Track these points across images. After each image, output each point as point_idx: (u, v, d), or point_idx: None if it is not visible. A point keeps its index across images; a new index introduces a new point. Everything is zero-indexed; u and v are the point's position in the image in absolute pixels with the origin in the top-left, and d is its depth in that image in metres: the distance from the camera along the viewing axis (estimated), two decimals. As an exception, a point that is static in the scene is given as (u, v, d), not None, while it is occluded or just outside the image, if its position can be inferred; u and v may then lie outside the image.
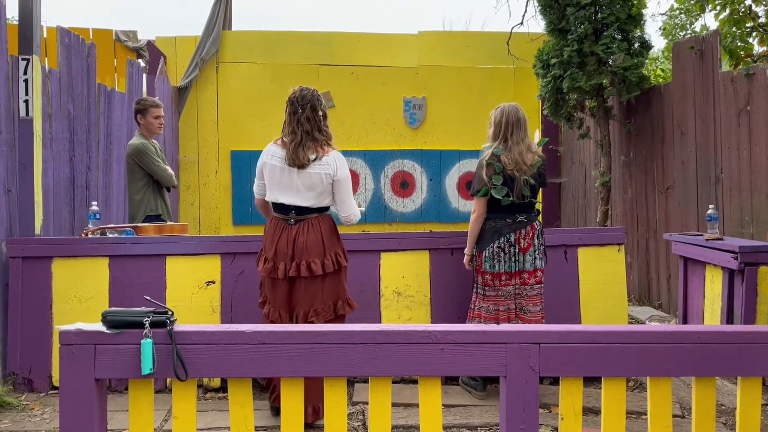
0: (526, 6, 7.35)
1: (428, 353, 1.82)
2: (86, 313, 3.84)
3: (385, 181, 8.31)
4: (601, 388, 1.90)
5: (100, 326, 1.81)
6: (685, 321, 4.56)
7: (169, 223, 4.53)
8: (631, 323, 5.33)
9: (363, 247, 4.06)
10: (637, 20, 6.03)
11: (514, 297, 3.70)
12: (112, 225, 4.37)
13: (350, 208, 3.45)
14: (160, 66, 7.37)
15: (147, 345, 1.77)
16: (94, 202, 4.39)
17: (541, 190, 3.88)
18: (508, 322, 3.67)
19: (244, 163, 8.09)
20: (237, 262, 4.00)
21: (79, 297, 3.92)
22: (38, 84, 4.00)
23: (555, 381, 3.66)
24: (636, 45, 6.11)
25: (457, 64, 8.32)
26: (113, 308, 1.84)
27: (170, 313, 1.84)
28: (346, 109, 8.15)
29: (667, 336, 1.84)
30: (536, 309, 3.71)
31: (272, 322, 3.36)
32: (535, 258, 3.70)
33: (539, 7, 6.44)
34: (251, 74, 8.11)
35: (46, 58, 5.50)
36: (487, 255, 3.70)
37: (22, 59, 3.89)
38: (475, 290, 3.80)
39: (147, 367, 1.77)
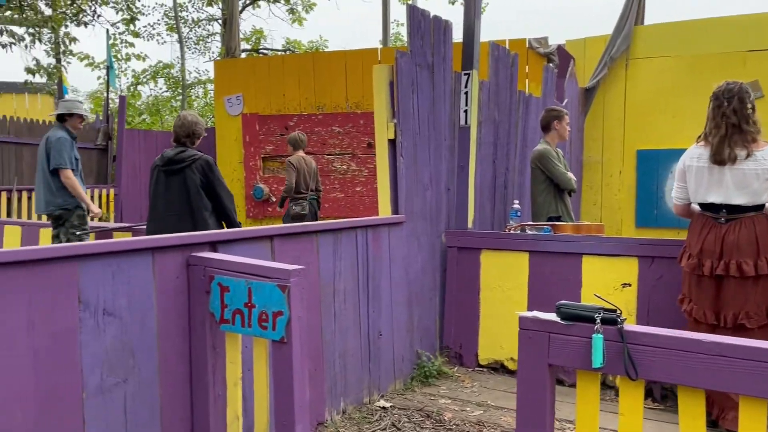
0: None
1: None
2: (507, 303, 4.20)
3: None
4: None
5: (553, 316, 1.97)
6: None
7: (586, 222, 4.64)
8: None
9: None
10: None
11: None
12: (531, 222, 4.66)
13: None
14: (570, 68, 7.55)
15: (598, 340, 1.85)
16: (516, 201, 4.76)
17: None
18: None
19: (650, 163, 7.72)
20: (655, 265, 3.86)
21: (502, 287, 4.31)
22: (475, 95, 4.52)
23: None
24: None
25: None
26: (566, 301, 1.97)
27: (619, 311, 1.89)
28: (779, 98, 7.07)
29: None
30: None
31: (696, 320, 3.33)
32: None
33: None
34: (663, 68, 7.67)
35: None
36: None
37: (464, 74, 4.45)
38: None
39: (597, 360, 1.85)
